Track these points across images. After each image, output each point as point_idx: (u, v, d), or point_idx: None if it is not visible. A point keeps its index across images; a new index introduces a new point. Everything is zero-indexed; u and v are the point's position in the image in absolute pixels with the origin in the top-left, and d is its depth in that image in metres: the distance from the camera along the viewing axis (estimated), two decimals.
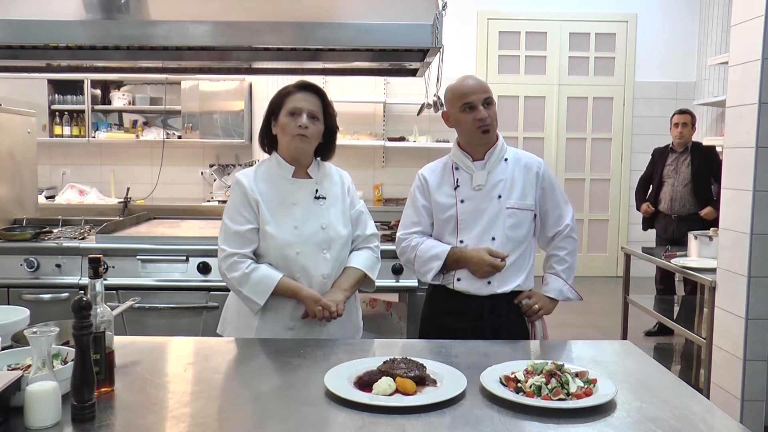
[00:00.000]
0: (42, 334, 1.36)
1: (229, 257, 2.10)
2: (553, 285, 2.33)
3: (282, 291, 2.08)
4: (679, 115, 5.20)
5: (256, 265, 2.10)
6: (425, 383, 1.58)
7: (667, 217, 5.21)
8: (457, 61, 5.39)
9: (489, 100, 2.23)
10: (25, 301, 3.02)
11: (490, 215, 2.24)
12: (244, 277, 2.08)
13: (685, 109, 5.30)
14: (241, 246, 2.11)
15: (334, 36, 2.39)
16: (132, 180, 6.15)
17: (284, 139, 2.15)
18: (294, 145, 2.13)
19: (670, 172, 5.21)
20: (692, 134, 5.19)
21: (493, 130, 2.25)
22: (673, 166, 5.20)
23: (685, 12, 7.25)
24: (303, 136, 2.11)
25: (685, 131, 5.16)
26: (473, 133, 2.24)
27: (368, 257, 2.26)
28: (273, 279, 2.07)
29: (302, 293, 2.07)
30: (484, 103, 2.22)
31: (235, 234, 2.12)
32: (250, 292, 2.08)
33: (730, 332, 3.24)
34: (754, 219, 3.08)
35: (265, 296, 2.07)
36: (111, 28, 2.37)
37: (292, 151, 2.15)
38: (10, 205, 3.68)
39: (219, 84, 6.51)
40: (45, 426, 1.33)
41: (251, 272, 2.08)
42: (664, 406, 1.50)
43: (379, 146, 7.14)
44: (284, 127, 2.13)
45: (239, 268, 2.09)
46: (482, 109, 2.21)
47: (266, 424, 1.42)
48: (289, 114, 2.12)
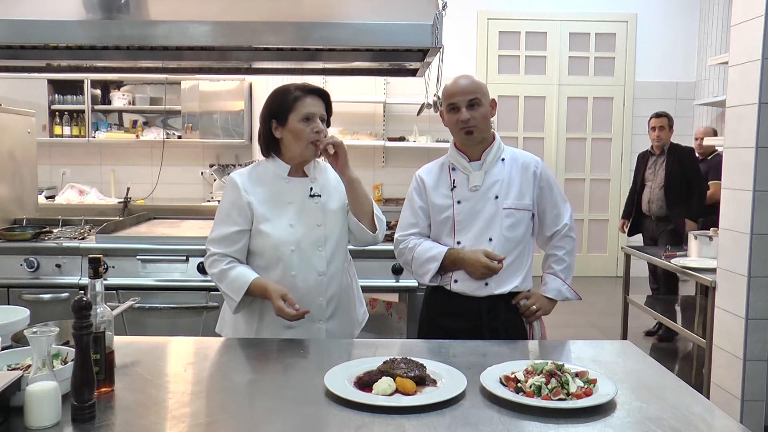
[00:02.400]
0: (42, 334, 1.36)
1: (211, 256, 2.15)
2: (552, 285, 2.33)
3: (255, 289, 2.07)
4: (656, 118, 5.28)
5: (235, 264, 2.13)
6: (425, 383, 1.58)
7: (647, 218, 5.32)
8: (457, 61, 5.39)
9: (475, 102, 2.21)
10: (25, 301, 3.02)
11: (487, 216, 2.24)
12: (222, 273, 2.11)
13: (662, 112, 5.37)
14: (225, 247, 2.13)
15: (334, 36, 2.39)
16: (132, 180, 6.15)
17: (296, 144, 2.13)
18: (310, 152, 2.13)
19: (649, 174, 5.32)
20: (670, 136, 5.26)
21: (478, 131, 2.23)
22: (651, 169, 5.31)
23: (685, 12, 7.25)
24: (318, 142, 2.11)
25: (663, 134, 5.24)
26: (457, 134, 2.26)
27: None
28: (247, 278, 2.08)
29: (270, 288, 2.05)
30: (468, 105, 2.21)
31: (221, 236, 2.15)
32: (226, 288, 2.11)
33: (730, 332, 3.24)
34: (754, 219, 3.08)
35: (239, 294, 2.07)
36: (111, 28, 2.37)
37: (305, 156, 2.15)
38: (10, 205, 3.68)
39: (219, 84, 6.51)
40: (45, 426, 1.33)
41: (229, 270, 2.11)
42: (664, 406, 1.50)
43: (379, 146, 7.14)
44: (298, 133, 2.11)
45: (218, 265, 2.12)
46: (464, 110, 2.21)
47: (266, 423, 1.42)
48: (303, 119, 2.11)
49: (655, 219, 5.26)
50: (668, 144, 5.26)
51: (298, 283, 2.11)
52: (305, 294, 2.11)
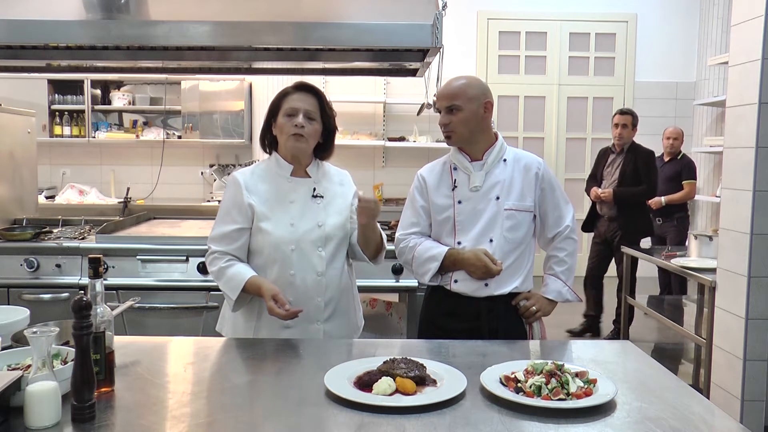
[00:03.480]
0: (42, 334, 1.36)
1: (211, 253, 2.17)
2: (552, 286, 2.32)
3: (251, 287, 2.08)
4: (620, 115, 5.10)
5: (234, 262, 2.14)
6: (425, 383, 1.58)
7: (600, 217, 5.19)
8: (457, 61, 5.40)
9: (453, 107, 2.21)
10: (25, 301, 3.03)
11: (487, 217, 2.23)
12: (221, 271, 2.13)
13: (627, 109, 5.19)
14: (225, 244, 2.15)
15: (334, 36, 2.39)
16: (132, 180, 6.14)
17: (282, 138, 2.17)
18: (290, 145, 2.15)
19: (606, 173, 5.18)
20: (632, 135, 5.09)
21: (456, 136, 2.24)
22: (609, 167, 5.16)
23: (685, 12, 7.25)
24: (299, 136, 2.13)
25: (625, 132, 5.05)
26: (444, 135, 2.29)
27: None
28: (243, 276, 2.09)
29: (263, 287, 2.05)
30: (446, 110, 2.23)
31: (221, 234, 2.16)
32: (224, 286, 2.12)
33: (730, 332, 3.24)
34: (754, 219, 3.08)
35: (236, 292, 2.08)
36: (111, 28, 2.37)
37: (289, 150, 2.17)
38: (10, 205, 3.68)
39: (219, 84, 6.51)
40: (45, 426, 1.33)
41: (227, 267, 2.12)
42: (664, 406, 1.50)
43: (379, 146, 7.14)
44: (281, 127, 2.16)
45: (217, 263, 2.14)
46: (443, 115, 2.23)
47: (266, 423, 1.42)
48: (286, 114, 2.15)
49: (607, 219, 5.11)
50: (629, 143, 5.09)
51: (296, 282, 2.11)
52: (303, 293, 2.11)
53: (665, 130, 5.82)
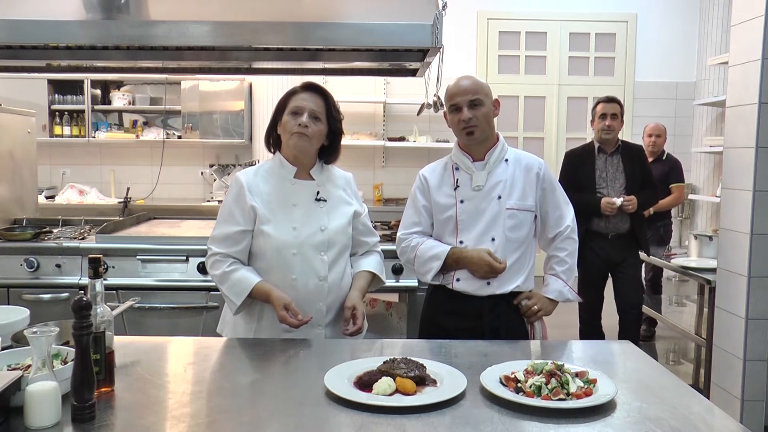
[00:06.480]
0: (42, 334, 1.36)
1: (213, 255, 2.14)
2: (553, 286, 2.33)
3: (258, 294, 2.07)
4: (606, 104, 3.97)
5: (238, 266, 2.11)
6: (425, 383, 1.58)
7: (601, 236, 3.98)
8: (457, 61, 5.38)
9: (476, 102, 2.22)
10: (25, 301, 3.02)
11: (489, 216, 2.24)
12: (224, 275, 2.10)
13: (613, 96, 4.08)
14: (227, 246, 2.12)
15: (334, 36, 2.39)
16: (132, 180, 6.15)
17: (285, 137, 2.16)
18: (293, 143, 2.13)
19: (602, 180, 3.98)
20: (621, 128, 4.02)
21: (480, 131, 2.24)
22: (604, 172, 3.99)
23: (685, 12, 7.25)
24: (302, 134, 2.11)
25: (615, 124, 3.94)
26: (459, 134, 2.27)
27: (378, 261, 2.29)
28: (250, 282, 2.07)
29: (273, 294, 2.04)
30: (469, 105, 2.22)
31: (223, 236, 2.13)
32: (228, 291, 2.10)
33: (730, 332, 3.24)
34: (754, 219, 3.08)
35: (241, 297, 2.07)
36: (111, 28, 2.37)
37: (292, 148, 2.15)
38: (10, 205, 3.68)
39: (219, 84, 6.51)
40: (45, 426, 1.33)
41: (231, 272, 2.10)
42: (664, 406, 1.50)
43: (379, 146, 7.13)
44: (285, 125, 2.14)
45: (220, 266, 2.11)
46: (466, 110, 2.21)
47: (266, 423, 1.42)
48: (291, 113, 2.13)
49: (613, 237, 3.96)
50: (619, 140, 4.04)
51: (298, 286, 2.10)
52: (305, 298, 2.10)
53: (645, 126, 5.17)
